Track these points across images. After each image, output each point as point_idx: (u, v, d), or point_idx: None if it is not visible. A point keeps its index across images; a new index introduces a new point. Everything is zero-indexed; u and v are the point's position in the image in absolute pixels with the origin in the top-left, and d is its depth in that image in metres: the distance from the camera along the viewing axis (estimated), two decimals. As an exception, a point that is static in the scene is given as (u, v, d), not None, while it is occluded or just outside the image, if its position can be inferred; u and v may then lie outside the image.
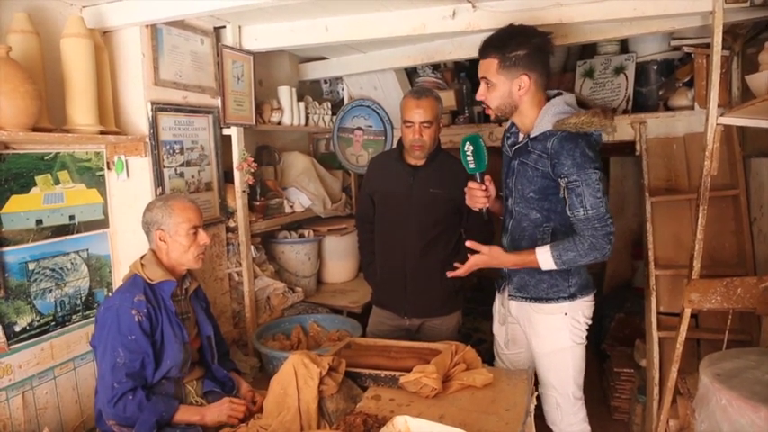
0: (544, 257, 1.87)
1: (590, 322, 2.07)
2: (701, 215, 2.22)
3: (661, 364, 2.64)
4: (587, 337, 2.08)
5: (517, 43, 1.85)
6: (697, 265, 2.24)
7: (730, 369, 1.72)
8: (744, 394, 1.55)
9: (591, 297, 2.05)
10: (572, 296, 1.99)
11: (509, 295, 2.11)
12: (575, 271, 1.99)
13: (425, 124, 2.31)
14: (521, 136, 2.03)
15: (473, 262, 2.00)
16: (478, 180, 2.01)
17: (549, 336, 2.03)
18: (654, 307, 2.70)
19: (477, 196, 2.00)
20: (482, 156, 1.97)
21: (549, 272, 1.96)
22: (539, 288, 2.01)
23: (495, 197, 2.10)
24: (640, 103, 3.16)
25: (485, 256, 1.97)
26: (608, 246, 1.82)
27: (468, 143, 1.98)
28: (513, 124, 2.08)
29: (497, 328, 2.26)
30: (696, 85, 2.84)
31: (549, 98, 1.94)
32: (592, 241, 1.82)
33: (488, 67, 1.90)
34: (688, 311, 2.25)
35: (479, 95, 1.97)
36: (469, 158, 1.98)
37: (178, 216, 1.91)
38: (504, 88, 1.89)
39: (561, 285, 1.99)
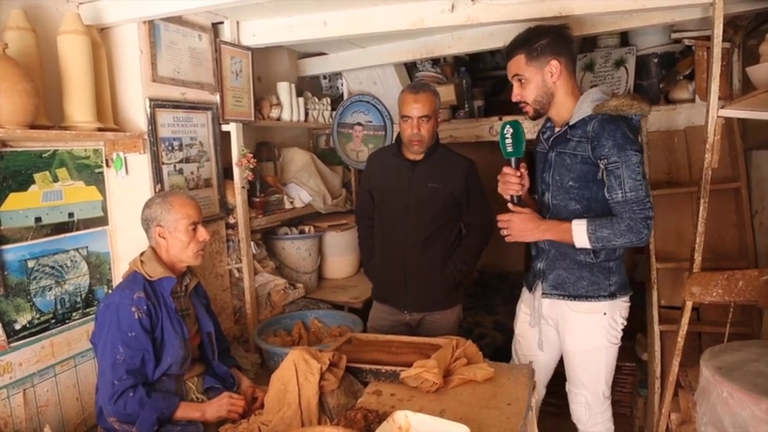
0: (579, 230, 1.84)
1: (626, 323, 2.03)
2: (701, 208, 2.21)
3: (662, 357, 2.64)
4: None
5: (539, 35, 1.89)
6: (698, 258, 2.23)
7: (732, 362, 1.72)
8: (745, 387, 1.54)
9: (628, 298, 2.03)
10: (612, 295, 1.96)
11: (543, 293, 2.06)
12: (616, 269, 1.97)
13: (423, 119, 2.30)
14: (556, 129, 2.01)
15: (507, 218, 1.95)
16: (513, 165, 1.97)
17: (585, 335, 2.00)
18: (655, 300, 2.70)
19: (512, 182, 1.95)
20: (521, 142, 1.94)
21: (591, 269, 1.95)
22: (578, 285, 1.97)
23: (529, 192, 2.06)
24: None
25: (523, 216, 1.93)
26: (645, 230, 1.79)
27: (508, 126, 1.94)
28: (547, 119, 2.07)
29: (524, 331, 2.19)
30: (697, 78, 2.83)
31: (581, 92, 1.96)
32: (629, 223, 1.79)
33: (517, 64, 1.92)
34: (689, 305, 2.24)
35: (515, 96, 1.97)
36: (508, 141, 1.94)
37: (177, 212, 1.90)
38: (537, 79, 1.91)
39: (602, 283, 1.96)
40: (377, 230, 2.56)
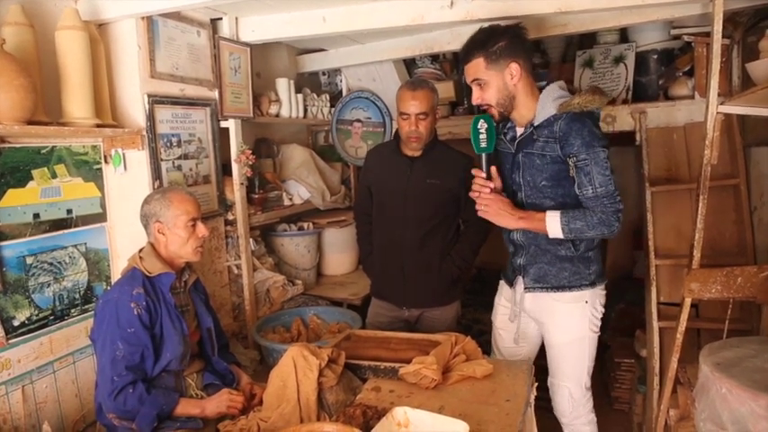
0: (553, 221, 1.87)
1: (603, 311, 2.09)
2: (701, 205, 2.21)
3: (661, 354, 2.64)
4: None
5: (496, 37, 1.89)
6: (697, 254, 2.23)
7: (730, 358, 1.72)
8: (744, 383, 1.54)
9: (604, 286, 2.08)
10: (592, 284, 2.02)
11: (525, 288, 2.08)
12: (594, 258, 2.03)
13: (421, 116, 2.30)
14: (518, 129, 2.02)
15: (486, 199, 1.94)
16: (484, 164, 1.97)
17: (569, 325, 2.04)
18: (654, 297, 2.70)
19: (480, 189, 1.96)
20: (494, 137, 1.95)
21: (571, 260, 1.99)
22: (560, 276, 2.01)
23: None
24: (640, 93, 3.14)
25: (505, 200, 1.94)
26: (616, 223, 1.85)
27: (482, 120, 1.94)
28: (506, 122, 2.07)
29: (505, 324, 2.23)
30: (696, 75, 2.83)
31: (540, 89, 1.96)
32: (601, 216, 1.84)
33: (476, 68, 1.92)
34: (688, 301, 2.24)
35: (475, 100, 1.97)
36: (483, 136, 1.94)
37: (176, 208, 1.90)
38: (498, 82, 1.91)
39: (583, 273, 2.01)
40: (375, 227, 2.56)
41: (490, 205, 1.95)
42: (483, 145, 1.96)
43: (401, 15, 2.44)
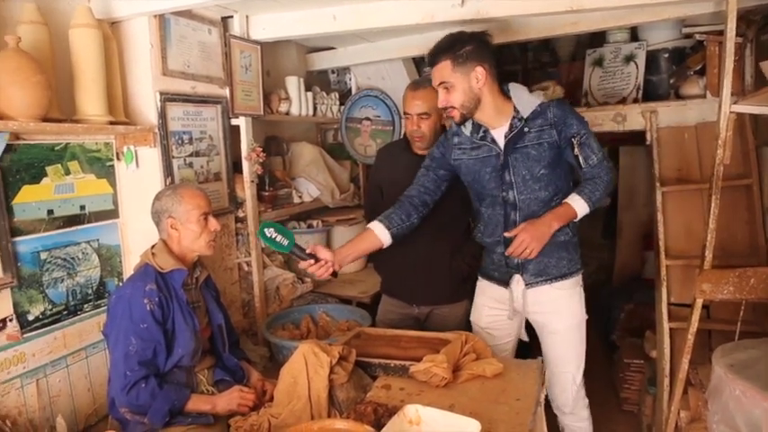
0: (579, 204, 1.96)
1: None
2: (713, 205, 2.20)
3: (672, 355, 2.63)
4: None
5: (463, 41, 1.94)
6: (709, 255, 2.22)
7: (744, 360, 1.71)
8: (758, 385, 1.54)
9: None
10: (580, 269, 2.14)
11: (526, 284, 2.10)
12: (578, 243, 2.14)
13: (423, 116, 2.30)
14: (497, 131, 2.02)
15: (520, 240, 1.92)
16: (299, 254, 1.96)
17: (570, 311, 2.11)
18: (665, 298, 2.68)
19: (321, 272, 1.97)
20: (287, 231, 1.95)
21: (566, 247, 2.07)
22: (560, 266, 2.07)
23: (343, 252, 2.06)
24: (651, 92, 3.12)
25: (528, 226, 1.93)
26: (614, 176, 2.03)
27: (266, 229, 1.92)
28: (477, 128, 2.06)
29: (498, 323, 2.23)
30: (708, 74, 2.81)
31: (502, 91, 2.02)
32: (609, 176, 1.99)
33: (442, 71, 1.96)
34: (699, 302, 2.23)
35: (441, 102, 2.00)
36: (279, 238, 1.93)
37: (188, 203, 1.92)
38: (464, 85, 1.94)
39: (575, 258, 2.12)
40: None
41: (529, 244, 1.91)
42: (285, 244, 1.94)
43: (412, 14, 2.43)
